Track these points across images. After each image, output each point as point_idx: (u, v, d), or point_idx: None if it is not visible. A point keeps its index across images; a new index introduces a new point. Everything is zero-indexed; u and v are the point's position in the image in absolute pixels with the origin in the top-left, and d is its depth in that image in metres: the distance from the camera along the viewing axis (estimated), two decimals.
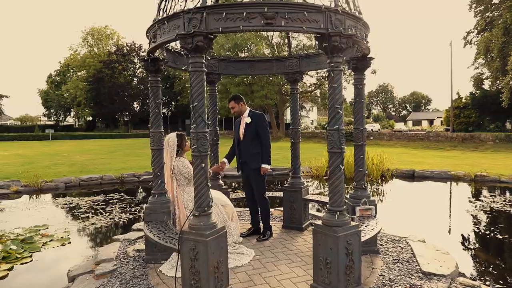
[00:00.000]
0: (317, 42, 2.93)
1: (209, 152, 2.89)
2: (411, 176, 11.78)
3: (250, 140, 4.49)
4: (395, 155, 16.00)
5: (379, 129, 41.08)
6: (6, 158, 18.18)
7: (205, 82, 2.83)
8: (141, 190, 10.53)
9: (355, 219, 3.76)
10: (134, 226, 5.56)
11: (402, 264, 3.80)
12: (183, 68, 4.36)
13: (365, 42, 3.29)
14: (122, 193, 9.63)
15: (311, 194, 5.23)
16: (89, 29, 54.35)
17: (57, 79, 62.07)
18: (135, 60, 53.98)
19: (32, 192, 9.94)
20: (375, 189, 9.96)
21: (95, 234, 6.08)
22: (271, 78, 32.22)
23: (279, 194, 5.39)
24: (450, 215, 7.32)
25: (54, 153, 20.85)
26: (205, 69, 2.84)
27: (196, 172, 2.82)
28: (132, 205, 8.02)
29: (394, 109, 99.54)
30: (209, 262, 2.75)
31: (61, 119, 64.84)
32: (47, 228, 6.27)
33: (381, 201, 8.58)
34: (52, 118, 64.74)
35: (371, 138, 29.16)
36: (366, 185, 4.10)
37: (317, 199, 4.97)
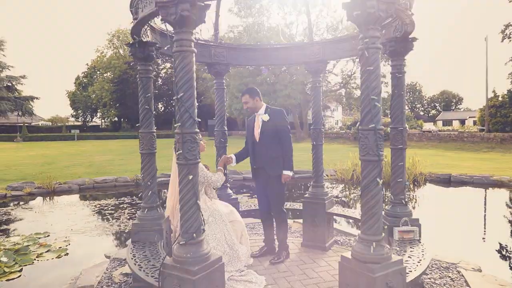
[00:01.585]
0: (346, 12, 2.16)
1: (199, 160, 2.18)
2: (447, 181, 10.68)
3: (269, 141, 3.73)
4: (428, 157, 14.74)
5: (407, 130, 39.31)
6: (30, 158, 18.30)
7: (194, 67, 2.12)
8: None
9: (394, 245, 2.93)
10: (129, 242, 4.88)
11: None
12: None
13: (410, 14, 2.49)
14: (134, 197, 9.15)
15: (336, 206, 4.42)
16: (114, 31, 55.28)
17: (85, 80, 63.45)
18: (159, 61, 54.48)
19: (45, 194, 9.67)
20: (406, 196, 8.97)
21: (95, 245, 5.53)
22: (294, 77, 31.25)
23: (299, 205, 4.59)
24: (500, 230, 6.26)
25: (76, 153, 20.89)
26: (194, 49, 2.14)
27: (182, 186, 2.12)
28: None
29: (422, 108, 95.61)
30: None
31: (88, 119, 66.33)
32: (48, 236, 5.82)
33: (414, 208, 7.62)
34: (80, 118, 66.35)
35: None
36: (406, 200, 3.27)
37: (345, 214, 4.15)
